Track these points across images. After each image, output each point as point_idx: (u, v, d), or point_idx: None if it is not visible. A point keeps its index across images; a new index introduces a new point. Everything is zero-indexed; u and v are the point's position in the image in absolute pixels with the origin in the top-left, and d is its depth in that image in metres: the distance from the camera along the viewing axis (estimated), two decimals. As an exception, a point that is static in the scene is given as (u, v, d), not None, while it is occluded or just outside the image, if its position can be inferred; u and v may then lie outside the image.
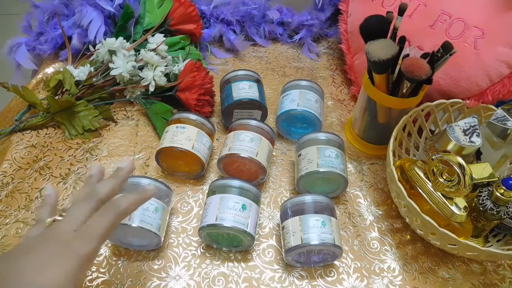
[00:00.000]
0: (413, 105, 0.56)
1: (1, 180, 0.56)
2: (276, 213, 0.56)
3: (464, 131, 0.52)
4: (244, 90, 0.62)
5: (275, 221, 0.56)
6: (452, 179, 0.48)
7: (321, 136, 0.57)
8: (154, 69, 0.64)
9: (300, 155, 0.57)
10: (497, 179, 0.49)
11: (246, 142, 0.55)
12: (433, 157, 0.49)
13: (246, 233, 0.48)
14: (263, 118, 0.65)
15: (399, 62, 0.53)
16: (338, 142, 0.57)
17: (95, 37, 0.69)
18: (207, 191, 0.53)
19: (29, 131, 0.63)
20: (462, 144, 0.51)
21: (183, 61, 0.68)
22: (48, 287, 0.31)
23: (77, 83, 0.65)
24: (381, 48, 0.51)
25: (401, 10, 0.53)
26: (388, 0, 0.67)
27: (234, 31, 0.80)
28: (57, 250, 0.33)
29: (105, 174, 0.43)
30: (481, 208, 0.49)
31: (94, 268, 0.49)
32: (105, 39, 0.66)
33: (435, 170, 0.49)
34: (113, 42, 0.65)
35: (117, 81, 0.66)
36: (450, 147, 0.52)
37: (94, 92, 0.65)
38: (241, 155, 0.54)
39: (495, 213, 0.48)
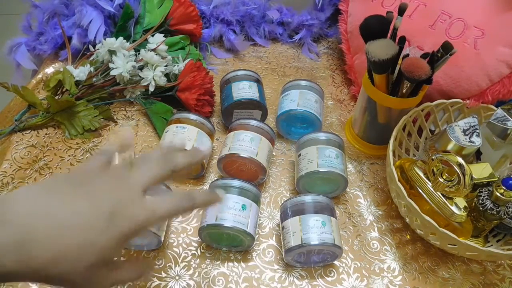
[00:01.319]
0: (413, 105, 0.56)
1: (1, 180, 0.56)
2: (276, 213, 0.56)
3: (464, 131, 0.52)
4: (244, 90, 0.62)
5: (275, 221, 0.56)
6: (452, 179, 0.48)
7: (321, 136, 0.57)
8: (154, 69, 0.64)
9: (300, 155, 0.57)
10: (497, 179, 0.49)
11: (246, 142, 0.55)
12: (433, 157, 0.49)
13: (246, 233, 0.48)
14: (263, 118, 0.65)
15: (399, 62, 0.53)
16: (338, 142, 0.57)
17: (95, 37, 0.69)
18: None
19: (29, 131, 0.63)
20: (462, 144, 0.51)
21: (183, 61, 0.68)
22: (96, 247, 0.28)
23: (77, 83, 0.65)
24: (381, 48, 0.51)
25: (401, 10, 0.53)
26: (388, 0, 0.67)
27: (234, 31, 0.80)
28: (118, 197, 0.30)
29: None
30: (481, 208, 0.49)
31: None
32: (105, 39, 0.66)
33: (435, 170, 0.49)
34: (113, 42, 0.65)
35: (117, 81, 0.66)
36: (450, 147, 0.52)
37: (94, 92, 0.65)
38: (241, 155, 0.54)
39: (495, 213, 0.48)
